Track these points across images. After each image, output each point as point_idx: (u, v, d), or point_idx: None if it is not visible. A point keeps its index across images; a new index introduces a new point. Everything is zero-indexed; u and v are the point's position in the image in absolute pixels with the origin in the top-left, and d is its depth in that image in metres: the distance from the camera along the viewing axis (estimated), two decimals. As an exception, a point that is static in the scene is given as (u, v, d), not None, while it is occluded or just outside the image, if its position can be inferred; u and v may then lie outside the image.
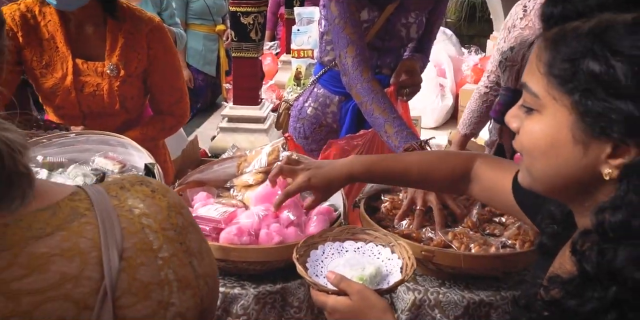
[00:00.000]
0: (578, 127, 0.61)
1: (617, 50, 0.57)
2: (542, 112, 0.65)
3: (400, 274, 0.93)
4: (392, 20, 1.68)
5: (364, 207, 1.27)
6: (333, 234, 1.04)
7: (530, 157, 0.68)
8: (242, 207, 1.27)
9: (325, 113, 1.82)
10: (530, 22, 1.81)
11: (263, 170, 1.35)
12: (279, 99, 4.43)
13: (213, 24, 4.93)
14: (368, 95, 1.47)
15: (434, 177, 1.05)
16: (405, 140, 1.35)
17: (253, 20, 2.92)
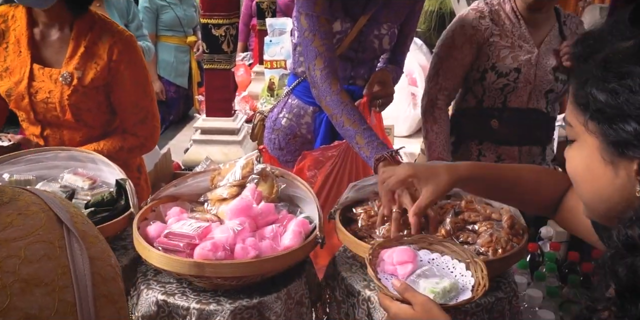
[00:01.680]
0: (603, 148, 0.65)
1: (618, 73, 0.61)
2: (578, 140, 0.70)
3: (470, 292, 0.93)
4: (364, 31, 1.69)
5: (339, 218, 1.27)
6: (409, 241, 1.04)
7: (576, 185, 0.73)
8: (216, 222, 1.25)
9: (299, 124, 1.82)
10: (515, 42, 1.77)
11: (237, 184, 1.34)
12: (252, 110, 4.42)
13: (184, 36, 4.91)
14: (338, 108, 1.48)
15: (540, 192, 1.05)
16: (377, 150, 1.36)
17: (225, 32, 2.92)
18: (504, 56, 1.76)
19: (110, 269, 0.60)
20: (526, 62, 1.75)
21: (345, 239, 1.22)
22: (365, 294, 1.17)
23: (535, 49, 1.77)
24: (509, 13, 1.79)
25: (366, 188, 1.36)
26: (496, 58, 1.76)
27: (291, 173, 1.40)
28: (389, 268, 0.99)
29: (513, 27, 1.78)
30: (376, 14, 1.68)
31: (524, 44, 1.77)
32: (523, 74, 1.75)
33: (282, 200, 1.35)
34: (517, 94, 1.78)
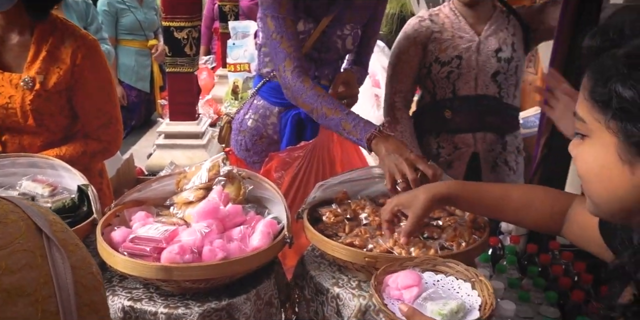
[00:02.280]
0: (621, 147, 0.64)
1: None
2: (591, 136, 0.68)
3: (478, 312, 0.93)
4: (327, 32, 1.72)
5: (307, 218, 1.28)
6: (413, 264, 1.04)
7: (587, 182, 0.71)
8: (183, 225, 1.25)
9: (265, 124, 1.83)
10: (456, 33, 1.90)
11: (204, 186, 1.34)
12: (216, 113, 4.39)
13: (145, 39, 4.83)
14: (316, 102, 1.50)
15: (532, 210, 1.04)
16: (365, 130, 1.39)
17: (187, 35, 2.89)
18: (445, 47, 1.87)
19: (92, 277, 0.59)
20: (467, 49, 1.86)
21: (313, 238, 1.24)
22: (334, 292, 1.18)
23: (476, 37, 1.87)
24: (448, 13, 1.92)
25: (333, 187, 1.38)
26: (438, 51, 1.88)
27: (258, 174, 1.41)
28: (394, 293, 0.98)
29: (452, 23, 1.90)
30: (339, 14, 1.71)
31: (464, 35, 1.88)
32: (465, 60, 1.85)
33: (250, 202, 1.36)
34: (463, 80, 1.86)
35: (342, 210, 1.33)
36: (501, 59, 1.85)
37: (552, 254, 1.47)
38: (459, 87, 1.88)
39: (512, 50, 1.85)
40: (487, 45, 1.86)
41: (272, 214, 1.30)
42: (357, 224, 1.30)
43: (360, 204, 1.36)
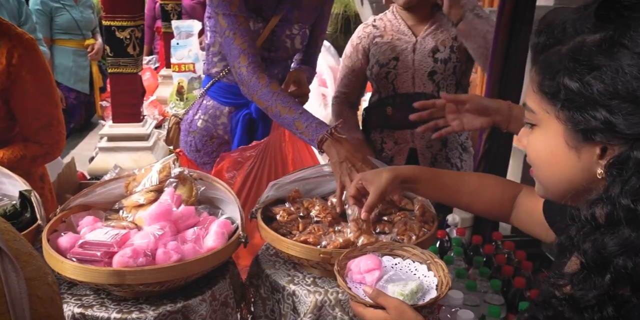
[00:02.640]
0: (569, 135, 0.69)
1: (588, 65, 0.65)
2: (540, 125, 0.73)
3: (435, 291, 0.98)
4: (276, 31, 1.73)
5: (261, 217, 1.29)
6: (372, 249, 1.07)
7: (537, 168, 0.76)
8: (134, 228, 1.22)
9: (215, 125, 1.82)
10: (394, 36, 1.95)
11: (154, 189, 1.32)
12: (161, 115, 4.29)
13: (82, 39, 4.65)
14: (271, 99, 1.51)
15: (484, 195, 1.11)
16: (317, 131, 1.41)
17: (130, 35, 2.81)
18: (384, 50, 1.95)
19: (48, 288, 0.57)
20: (403, 50, 1.93)
21: (268, 237, 1.25)
22: (290, 289, 1.20)
23: (413, 38, 1.94)
24: (390, 17, 1.99)
25: (285, 186, 1.40)
26: (379, 54, 1.96)
27: (210, 175, 1.40)
28: (357, 277, 1.02)
29: (392, 26, 1.98)
30: (287, 14, 1.73)
31: (403, 37, 1.95)
32: (401, 61, 1.93)
33: (202, 203, 1.35)
34: (401, 80, 1.94)
35: (295, 209, 1.35)
36: (437, 59, 1.90)
37: (496, 244, 1.55)
38: (398, 86, 1.95)
39: (451, 52, 1.90)
40: (424, 45, 1.92)
41: (225, 214, 1.30)
42: (310, 222, 1.32)
43: (312, 202, 1.38)
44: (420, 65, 1.91)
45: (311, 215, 1.34)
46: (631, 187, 0.62)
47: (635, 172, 0.63)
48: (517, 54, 1.53)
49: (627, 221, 0.62)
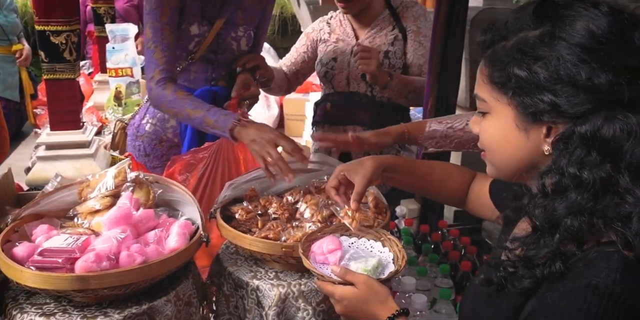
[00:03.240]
0: (518, 118, 0.79)
1: (534, 56, 0.75)
2: (491, 113, 0.83)
3: (393, 265, 1.06)
4: (222, 34, 1.76)
5: (220, 217, 1.32)
6: (330, 230, 1.14)
7: (491, 151, 0.86)
8: (91, 235, 1.22)
9: (164, 128, 1.83)
10: (340, 36, 2.05)
11: (110, 194, 1.32)
12: (100, 121, 4.16)
13: (9, 44, 4.44)
14: (177, 105, 1.58)
15: (450, 182, 1.20)
16: (226, 122, 1.50)
17: (66, 40, 2.72)
18: (328, 50, 2.05)
19: None
20: (342, 52, 2.01)
21: (229, 235, 1.28)
22: (253, 284, 1.24)
23: (354, 41, 2.02)
24: (341, 18, 2.08)
25: (242, 186, 1.43)
26: (323, 52, 2.07)
27: (166, 178, 1.42)
28: (319, 258, 1.09)
29: (340, 26, 2.06)
30: (232, 16, 1.76)
31: (346, 38, 2.04)
32: (339, 62, 2.01)
33: (160, 206, 1.36)
34: (337, 79, 2.02)
35: (253, 207, 1.39)
36: None
37: (442, 232, 1.66)
38: (335, 85, 2.05)
39: (384, 57, 1.95)
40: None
41: (185, 215, 1.32)
42: (268, 219, 1.37)
43: (269, 200, 1.43)
44: (354, 68, 1.97)
45: (269, 213, 1.39)
46: (576, 157, 0.73)
47: (580, 144, 0.73)
48: (454, 51, 1.64)
49: (574, 187, 0.73)
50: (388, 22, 1.98)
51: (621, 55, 0.72)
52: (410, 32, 1.93)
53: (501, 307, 0.81)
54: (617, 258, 0.70)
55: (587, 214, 0.72)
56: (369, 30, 2.00)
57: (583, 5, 0.75)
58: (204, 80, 1.81)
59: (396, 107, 2.03)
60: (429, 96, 1.70)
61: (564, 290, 0.70)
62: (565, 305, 0.69)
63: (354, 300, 0.97)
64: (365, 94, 2.00)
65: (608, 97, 0.72)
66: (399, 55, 1.95)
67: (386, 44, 1.96)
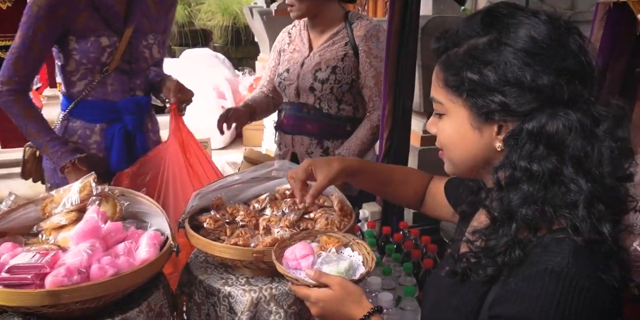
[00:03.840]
0: (472, 118, 0.85)
1: (484, 61, 0.82)
2: (447, 114, 0.89)
3: (363, 267, 1.11)
4: (133, 43, 1.79)
5: (189, 226, 1.34)
6: (300, 237, 1.18)
7: (448, 149, 0.92)
8: (58, 250, 1.21)
9: (87, 145, 1.80)
10: (297, 47, 2.11)
11: (76, 208, 1.32)
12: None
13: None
14: (22, 122, 1.68)
15: (409, 185, 1.26)
16: (60, 159, 1.66)
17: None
18: (285, 60, 2.11)
19: None
20: (295, 63, 2.07)
21: (199, 243, 1.30)
22: (225, 291, 1.26)
23: (306, 53, 2.07)
24: (301, 26, 2.13)
25: (208, 195, 1.45)
26: (281, 61, 2.13)
27: (132, 190, 1.42)
28: (292, 263, 1.12)
29: (298, 35, 2.12)
30: (139, 25, 1.79)
31: (301, 49, 2.09)
32: (290, 73, 2.08)
33: (128, 218, 1.36)
34: (289, 90, 2.09)
35: (221, 215, 1.41)
36: (317, 77, 2.00)
37: (403, 232, 1.73)
38: (287, 95, 2.11)
39: (331, 72, 1.97)
40: (311, 61, 2.03)
41: (153, 226, 1.33)
42: (236, 227, 1.39)
43: (236, 208, 1.45)
44: (303, 80, 2.03)
45: (237, 221, 1.41)
46: (526, 151, 0.81)
47: (528, 140, 0.81)
48: (407, 57, 1.72)
49: (526, 179, 0.81)
50: (342, 37, 2.02)
51: (560, 59, 0.80)
52: (362, 51, 1.97)
53: (466, 296, 0.87)
54: (568, 243, 0.77)
55: (539, 203, 0.80)
56: (323, 42, 2.04)
57: (525, 14, 0.83)
58: (121, 92, 1.82)
59: (344, 119, 2.06)
60: (385, 102, 1.77)
61: (524, 276, 0.77)
62: (526, 289, 0.75)
63: (330, 301, 1.01)
64: (314, 105, 2.05)
65: (551, 96, 0.80)
66: (347, 71, 1.99)
67: (335, 59, 1.99)
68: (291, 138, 2.12)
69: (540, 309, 0.73)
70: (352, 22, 2.02)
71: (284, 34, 2.19)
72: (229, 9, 7.67)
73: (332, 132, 2.07)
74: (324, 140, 2.07)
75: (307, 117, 2.07)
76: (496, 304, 0.80)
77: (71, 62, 1.73)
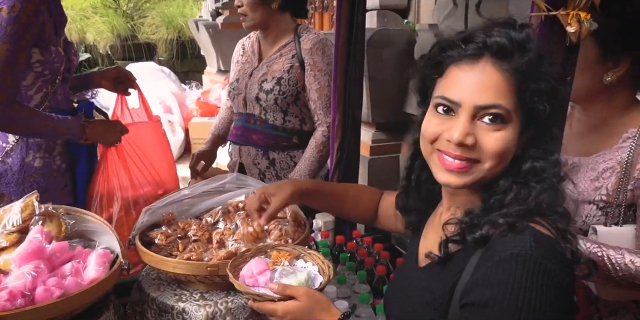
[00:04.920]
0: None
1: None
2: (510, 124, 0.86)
3: (321, 276, 1.11)
4: (67, 52, 1.77)
5: (140, 243, 1.31)
6: (251, 253, 1.17)
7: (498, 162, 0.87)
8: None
9: (53, 157, 1.76)
10: (248, 58, 2.12)
11: (17, 229, 1.26)
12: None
13: None
14: (27, 123, 1.61)
15: (362, 203, 1.29)
16: (75, 127, 1.65)
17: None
18: (237, 70, 2.14)
19: None
20: (244, 73, 2.10)
21: (151, 260, 1.27)
22: (179, 307, 1.24)
23: (255, 64, 2.10)
24: (254, 38, 2.16)
25: (159, 211, 1.43)
26: (233, 72, 2.16)
27: (78, 208, 1.37)
28: (249, 281, 1.10)
29: (250, 47, 2.15)
30: (62, 33, 1.78)
31: (251, 59, 2.12)
32: (239, 83, 2.10)
33: (74, 237, 1.32)
34: (237, 100, 2.11)
35: (173, 231, 1.39)
36: (262, 88, 2.03)
37: (356, 241, 1.75)
38: (236, 105, 2.13)
39: (276, 84, 2.00)
40: (259, 72, 2.05)
41: (101, 244, 1.29)
42: (189, 241, 1.37)
43: (188, 223, 1.43)
44: (250, 90, 2.05)
45: (189, 235, 1.39)
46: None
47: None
48: (355, 69, 1.76)
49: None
50: (290, 49, 2.05)
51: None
52: (307, 65, 2.00)
53: (436, 290, 0.90)
54: (529, 229, 0.84)
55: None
56: (272, 54, 2.07)
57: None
58: (67, 100, 1.80)
59: (290, 131, 2.08)
60: (335, 113, 1.79)
61: (493, 262, 0.82)
62: (495, 274, 0.80)
63: (299, 312, 1.00)
64: (260, 116, 2.06)
65: None
66: (292, 83, 2.01)
67: (281, 71, 2.01)
68: (239, 148, 2.13)
69: (510, 291, 0.77)
70: (301, 35, 2.05)
71: (238, 46, 2.21)
72: (173, 22, 7.57)
73: (278, 143, 2.09)
74: (270, 151, 2.09)
75: (253, 127, 2.08)
76: (467, 293, 0.84)
77: (30, 75, 1.66)
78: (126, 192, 1.79)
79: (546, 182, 0.86)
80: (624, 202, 1.15)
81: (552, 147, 0.89)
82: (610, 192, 1.15)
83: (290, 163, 2.11)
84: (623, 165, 1.14)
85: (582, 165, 1.22)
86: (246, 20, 2.02)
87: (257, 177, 2.08)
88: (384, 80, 2.91)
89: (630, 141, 1.15)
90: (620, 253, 1.09)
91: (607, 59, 1.14)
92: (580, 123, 1.26)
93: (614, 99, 1.19)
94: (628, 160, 1.14)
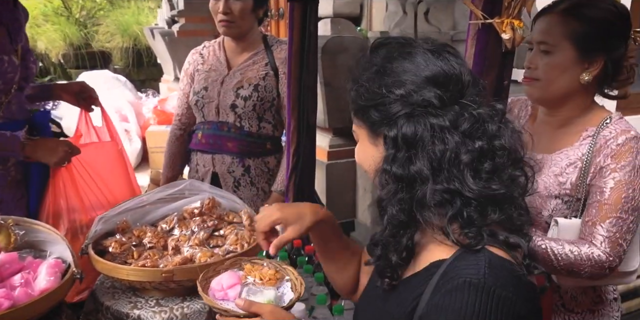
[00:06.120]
0: (369, 135, 0.89)
1: (359, 86, 0.88)
2: (360, 139, 0.89)
3: (292, 292, 1.09)
4: (25, 59, 1.74)
5: (93, 252, 1.30)
6: (224, 267, 1.13)
7: (362, 166, 0.92)
8: (-57, 288, 1.12)
9: (7, 168, 1.71)
10: (213, 66, 2.10)
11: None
12: None
13: None
14: None
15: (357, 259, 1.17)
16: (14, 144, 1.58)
17: None
18: (201, 78, 2.09)
19: None
20: (213, 81, 2.07)
21: (105, 268, 1.26)
22: (134, 314, 1.23)
23: (225, 71, 2.08)
24: (215, 46, 2.14)
25: (113, 219, 1.42)
26: (196, 82, 2.10)
27: (28, 219, 1.35)
28: (219, 294, 1.07)
29: (213, 55, 2.12)
30: (24, 41, 1.75)
31: (219, 67, 2.09)
32: (209, 91, 2.07)
33: (25, 248, 1.29)
34: (208, 108, 2.08)
35: (127, 239, 1.38)
36: (239, 95, 2.02)
37: (314, 245, 1.77)
38: (206, 114, 2.08)
39: (254, 90, 1.98)
40: (232, 79, 2.04)
41: (53, 254, 1.27)
42: (144, 249, 1.37)
43: (143, 230, 1.43)
44: (224, 98, 2.03)
45: (144, 243, 1.39)
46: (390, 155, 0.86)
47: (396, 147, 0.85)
48: (309, 76, 1.80)
49: (391, 181, 0.85)
50: (262, 57, 2.06)
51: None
52: (281, 73, 2.02)
53: (397, 314, 0.89)
54: (483, 254, 0.82)
55: (404, 204, 0.85)
56: (243, 62, 2.07)
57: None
58: (23, 110, 1.76)
59: (264, 137, 2.09)
60: (290, 118, 1.82)
61: (446, 290, 0.80)
62: (449, 303, 0.78)
63: None
64: (234, 124, 2.06)
65: (410, 103, 0.86)
66: (269, 89, 2.03)
67: (257, 78, 2.02)
68: (211, 157, 2.08)
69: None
70: (272, 45, 2.08)
71: (194, 55, 2.16)
72: (128, 30, 7.45)
73: (253, 150, 2.08)
74: (245, 159, 2.08)
75: (227, 135, 2.06)
76: (424, 319, 0.83)
77: None
78: (75, 214, 1.70)
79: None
80: (584, 195, 1.24)
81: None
82: (573, 186, 1.25)
83: (264, 169, 2.11)
84: (584, 161, 1.24)
85: (545, 162, 1.31)
86: (231, 27, 1.99)
87: (231, 185, 2.06)
88: (339, 86, 2.96)
89: (590, 139, 1.26)
90: (561, 244, 1.18)
91: (583, 59, 1.24)
92: (544, 123, 1.36)
93: (577, 99, 1.29)
94: (587, 156, 1.24)
